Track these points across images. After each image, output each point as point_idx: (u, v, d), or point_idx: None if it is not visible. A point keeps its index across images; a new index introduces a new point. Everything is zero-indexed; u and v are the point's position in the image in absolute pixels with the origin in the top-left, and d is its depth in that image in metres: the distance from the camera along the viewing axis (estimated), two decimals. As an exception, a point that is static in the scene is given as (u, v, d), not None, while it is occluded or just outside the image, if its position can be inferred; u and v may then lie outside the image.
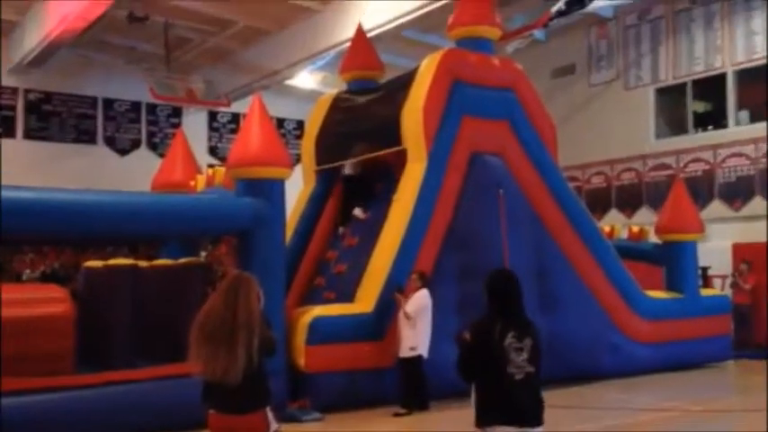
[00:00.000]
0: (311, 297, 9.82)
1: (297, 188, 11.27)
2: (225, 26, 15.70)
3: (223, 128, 19.21)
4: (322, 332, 8.13)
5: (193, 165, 10.47)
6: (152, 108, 18.15)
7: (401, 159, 9.69)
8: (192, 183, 9.58)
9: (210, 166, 14.72)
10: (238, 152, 7.97)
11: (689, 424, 8.08)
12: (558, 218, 10.24)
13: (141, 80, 16.90)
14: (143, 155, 17.78)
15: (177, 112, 18.51)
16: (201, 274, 8.23)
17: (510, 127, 10.11)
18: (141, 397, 7.03)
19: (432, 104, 9.44)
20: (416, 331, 8.16)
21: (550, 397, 9.23)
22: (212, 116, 19.05)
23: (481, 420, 3.90)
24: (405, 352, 8.15)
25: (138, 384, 7.11)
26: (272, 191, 7.85)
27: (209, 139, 19.08)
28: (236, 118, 18.56)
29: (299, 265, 10.49)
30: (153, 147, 18.15)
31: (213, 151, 18.95)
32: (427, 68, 9.71)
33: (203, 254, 10.70)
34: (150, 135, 18.25)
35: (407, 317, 8.15)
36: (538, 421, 3.90)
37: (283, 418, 6.55)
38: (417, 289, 8.30)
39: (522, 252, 9.40)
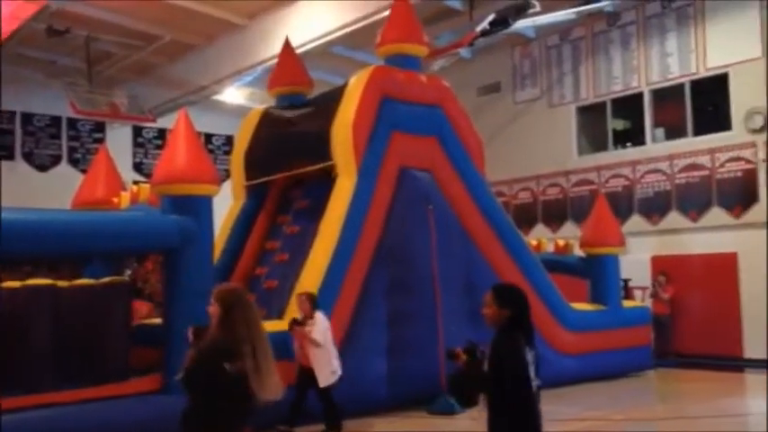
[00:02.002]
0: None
1: (227, 204, 11.15)
2: (150, 40, 15.42)
3: (149, 143, 18.81)
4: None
5: (117, 181, 10.21)
6: (73, 123, 17.64)
7: (328, 174, 9.70)
8: (116, 200, 9.34)
9: (136, 182, 14.38)
10: (164, 168, 7.80)
11: (610, 430, 8.31)
12: (486, 232, 10.44)
13: (62, 94, 16.39)
14: (64, 171, 17.24)
15: (100, 128, 18.03)
16: (125, 292, 8.00)
17: (438, 143, 10.28)
18: (63, 421, 6.74)
19: (361, 120, 9.51)
20: (330, 354, 7.77)
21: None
22: (137, 132, 18.63)
23: None
24: (328, 379, 7.75)
25: (60, 408, 6.83)
26: (199, 208, 7.70)
27: (134, 155, 18.64)
28: (162, 133, 18.20)
29: (229, 282, 10.34)
30: (74, 163, 17.62)
31: (138, 167, 18.52)
32: (356, 84, 9.79)
33: (128, 272, 10.45)
34: (71, 151, 17.71)
35: (317, 344, 7.65)
36: None
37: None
38: (310, 311, 7.84)
39: (451, 266, 9.52)
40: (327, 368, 7.75)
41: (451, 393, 3.81)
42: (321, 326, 7.73)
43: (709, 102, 14.27)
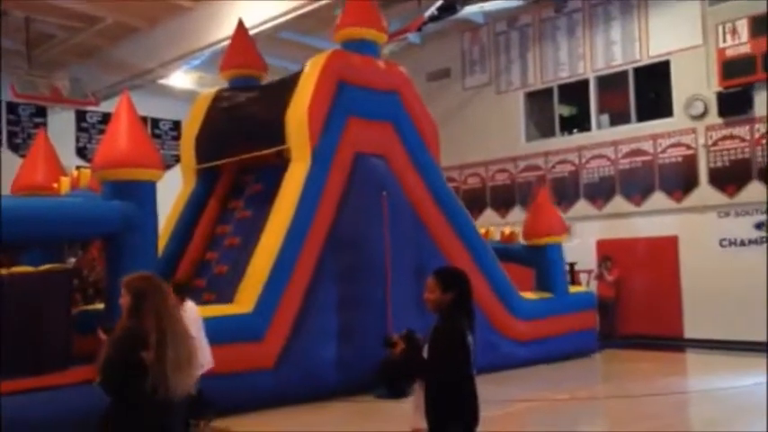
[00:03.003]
0: (190, 299, 9.55)
1: (177, 190, 10.97)
2: (92, 22, 14.99)
3: (93, 128, 18.32)
4: (199, 335, 7.90)
5: (57, 166, 9.91)
6: (13, 107, 17.05)
7: (281, 159, 9.62)
8: (55, 185, 9.08)
9: (79, 167, 14.01)
10: (105, 153, 7.61)
11: (556, 412, 8.49)
12: (439, 219, 10.47)
13: (0, 78, 15.86)
14: (4, 156, 16.64)
15: (41, 112, 17.48)
16: (66, 281, 7.80)
17: (394, 129, 10.25)
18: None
19: (317, 105, 9.42)
20: (203, 344, 7.05)
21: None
22: (81, 116, 18.13)
23: (442, 418, 3.69)
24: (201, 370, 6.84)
25: (-2, 399, 6.65)
26: (141, 193, 7.53)
27: (78, 139, 18.14)
28: (106, 118, 17.66)
29: (177, 267, 10.21)
30: (14, 148, 17.05)
31: (82, 152, 18.04)
32: (313, 69, 9.69)
33: (72, 260, 10.21)
34: (11, 135, 17.13)
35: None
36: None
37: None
38: (180, 302, 6.99)
39: (403, 252, 9.55)
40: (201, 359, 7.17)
41: (381, 381, 3.71)
42: (191, 314, 7.07)
43: (651, 89, 14.58)
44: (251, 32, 12.56)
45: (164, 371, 3.35)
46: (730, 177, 12.99)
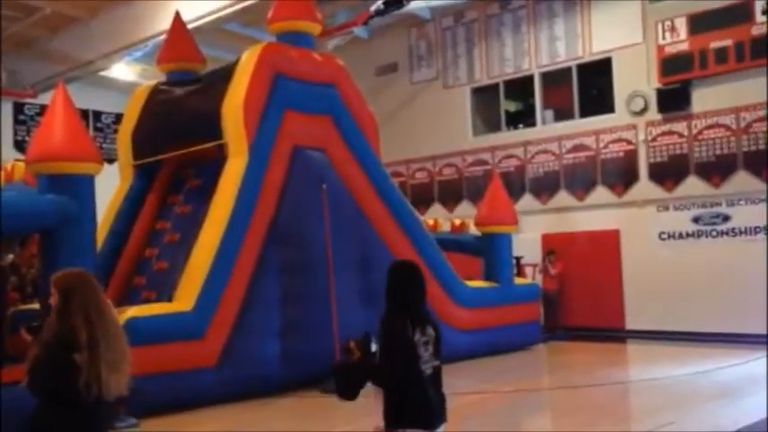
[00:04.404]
0: (130, 297, 9.38)
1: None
2: (29, 12, 14.57)
3: (31, 120, 17.76)
4: (137, 334, 7.68)
5: (-9, 159, 9.62)
6: (-54, 99, 16.48)
7: (222, 153, 9.48)
8: (-11, 178, 8.78)
9: (18, 161, 13.61)
10: (39, 146, 7.39)
11: (499, 403, 8.59)
12: (380, 211, 10.47)
13: (-68, 68, 15.30)
14: (-65, 150, 16.11)
15: (-24, 104, 16.94)
16: None
17: (332, 122, 10.20)
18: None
19: (252, 98, 9.30)
20: None
21: (372, 387, 9.39)
22: (18, 108, 17.57)
23: (395, 422, 3.64)
24: None
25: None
26: (78, 187, 7.34)
27: (16, 132, 17.59)
28: (44, 110, 17.23)
29: (116, 264, 9.99)
30: (-52, 141, 16.48)
31: (20, 145, 17.46)
32: (247, 61, 9.57)
33: (11, 256, 9.90)
34: (-56, 128, 16.56)
35: None
36: (443, 418, 3.77)
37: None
38: None
39: (345, 246, 9.51)
40: None
41: (334, 383, 3.65)
42: None
43: (594, 85, 14.83)
44: (194, 24, 12.39)
45: (97, 371, 3.25)
46: (669, 172, 13.31)
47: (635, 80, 13.64)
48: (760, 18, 12.25)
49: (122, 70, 16.66)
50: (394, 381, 3.63)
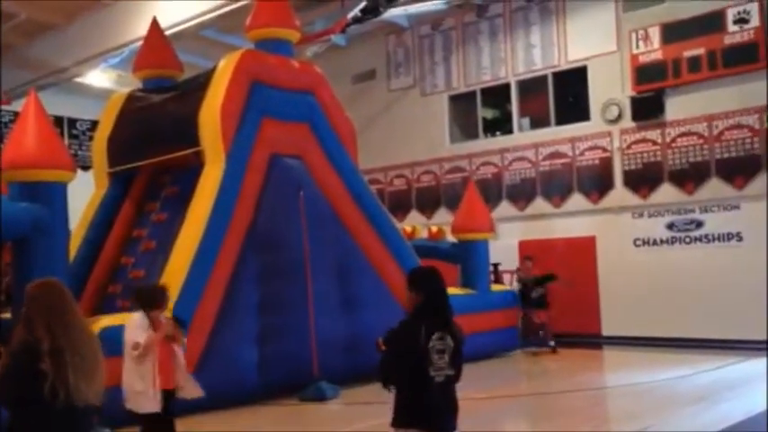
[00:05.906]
0: (105, 306, 9.30)
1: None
2: (5, 18, 14.39)
3: (5, 128, 17.56)
4: (113, 343, 7.61)
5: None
6: None
7: (199, 160, 9.44)
8: (-39, 186, 8.68)
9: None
10: (11, 153, 7.32)
11: (476, 410, 8.59)
12: (358, 219, 10.49)
13: None
14: None
15: (-51, 110, 16.72)
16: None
17: (310, 129, 10.22)
18: None
19: (230, 105, 9.30)
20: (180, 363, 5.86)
21: (351, 395, 9.43)
22: (-8, 115, 17.42)
23: (397, 421, 3.77)
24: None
25: None
26: (51, 195, 7.29)
27: (-11, 140, 17.43)
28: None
29: (90, 272, 9.90)
30: None
31: (-7, 153, 17.33)
32: (225, 69, 9.56)
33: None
34: None
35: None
36: (452, 426, 3.82)
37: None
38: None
39: (323, 253, 9.52)
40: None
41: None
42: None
43: (569, 93, 14.98)
44: (172, 30, 12.33)
45: (65, 377, 3.21)
46: (643, 179, 13.47)
47: (610, 88, 13.80)
48: (732, 27, 12.46)
49: (98, 77, 16.52)
50: (383, 379, 3.79)
